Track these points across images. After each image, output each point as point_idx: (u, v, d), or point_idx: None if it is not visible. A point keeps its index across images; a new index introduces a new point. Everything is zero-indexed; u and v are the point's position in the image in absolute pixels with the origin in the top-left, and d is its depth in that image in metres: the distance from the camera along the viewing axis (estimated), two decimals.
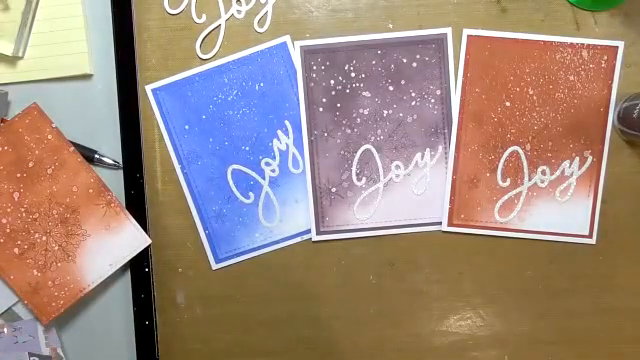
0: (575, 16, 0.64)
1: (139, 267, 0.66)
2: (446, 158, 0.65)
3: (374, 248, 0.67)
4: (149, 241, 0.66)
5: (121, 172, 0.66)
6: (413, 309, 0.67)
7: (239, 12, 0.65)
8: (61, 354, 0.66)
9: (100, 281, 0.65)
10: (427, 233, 0.66)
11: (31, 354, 0.63)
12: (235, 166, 0.66)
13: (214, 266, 0.67)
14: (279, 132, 0.66)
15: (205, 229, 0.67)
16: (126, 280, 0.67)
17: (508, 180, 0.65)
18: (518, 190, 0.65)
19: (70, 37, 0.66)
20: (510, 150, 0.65)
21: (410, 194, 0.66)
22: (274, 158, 0.66)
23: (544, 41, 0.64)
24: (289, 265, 0.67)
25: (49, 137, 0.64)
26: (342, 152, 0.66)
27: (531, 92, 0.64)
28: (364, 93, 0.65)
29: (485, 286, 0.67)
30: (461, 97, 0.65)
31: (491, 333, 0.67)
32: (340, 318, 0.67)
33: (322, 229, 0.66)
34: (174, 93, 0.66)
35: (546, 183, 0.65)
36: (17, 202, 0.64)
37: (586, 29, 0.64)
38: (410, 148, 0.66)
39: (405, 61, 0.65)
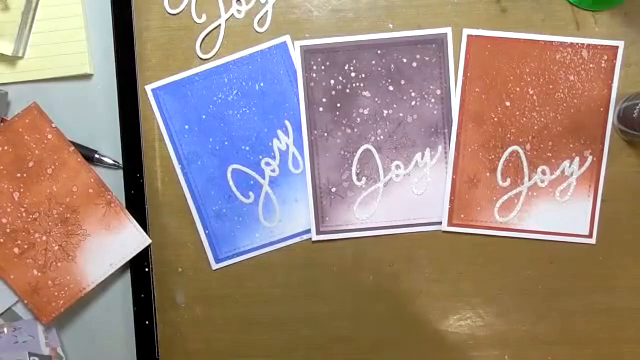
0: (575, 16, 0.64)
1: (139, 267, 0.66)
2: (446, 158, 0.65)
3: (374, 248, 0.66)
4: (149, 241, 0.66)
5: (121, 172, 0.66)
6: (413, 309, 0.67)
7: (239, 12, 0.66)
8: (61, 354, 0.66)
9: (100, 281, 0.65)
10: (427, 233, 0.66)
11: (31, 354, 0.62)
12: (235, 166, 0.66)
13: (214, 266, 0.67)
14: (279, 132, 0.66)
15: (205, 229, 0.67)
16: (126, 280, 0.67)
17: (508, 180, 0.65)
18: (518, 190, 0.65)
19: (70, 37, 0.66)
20: (510, 150, 0.65)
21: (410, 194, 0.66)
22: (274, 158, 0.66)
23: (544, 41, 0.64)
24: (289, 265, 0.67)
25: (49, 137, 0.64)
26: (342, 152, 0.66)
27: (531, 92, 0.64)
28: (364, 93, 0.65)
29: (485, 286, 0.67)
30: (461, 97, 0.65)
31: (491, 333, 0.67)
32: (340, 318, 0.67)
33: (322, 229, 0.66)
34: (174, 93, 0.66)
35: (546, 183, 0.65)
36: (17, 202, 0.64)
37: (586, 29, 0.64)
38: (410, 148, 0.66)
39: (405, 61, 0.65)
